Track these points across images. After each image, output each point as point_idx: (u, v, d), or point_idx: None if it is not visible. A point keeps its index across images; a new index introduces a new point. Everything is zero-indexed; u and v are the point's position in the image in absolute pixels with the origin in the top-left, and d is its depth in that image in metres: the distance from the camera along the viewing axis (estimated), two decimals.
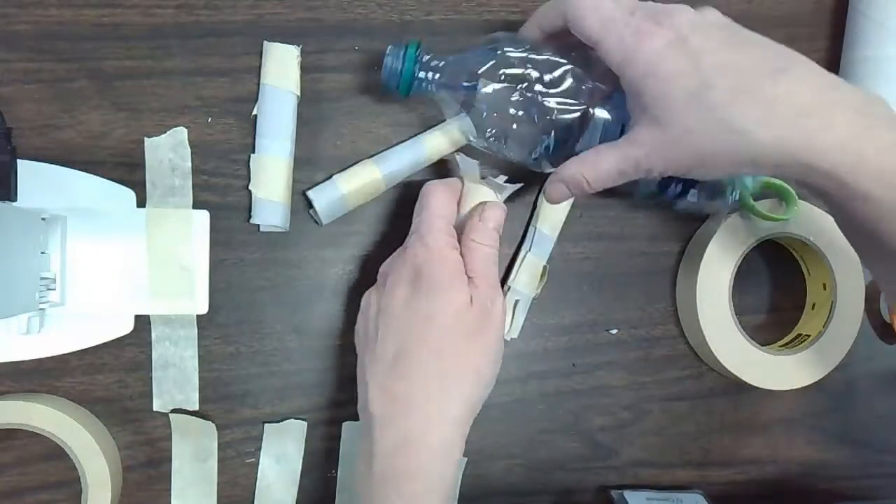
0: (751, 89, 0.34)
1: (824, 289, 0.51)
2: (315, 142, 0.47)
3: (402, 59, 0.42)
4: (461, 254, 0.41)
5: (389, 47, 0.43)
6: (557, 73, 0.41)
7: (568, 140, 0.41)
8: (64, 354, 0.45)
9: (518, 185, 0.45)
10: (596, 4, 0.38)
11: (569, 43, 0.41)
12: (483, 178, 0.44)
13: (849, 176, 0.33)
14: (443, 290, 0.39)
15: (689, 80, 0.35)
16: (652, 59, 0.36)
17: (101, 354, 0.46)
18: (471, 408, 0.39)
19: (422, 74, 0.43)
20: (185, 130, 0.46)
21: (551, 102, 0.40)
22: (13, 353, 0.44)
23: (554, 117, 0.41)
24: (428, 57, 0.43)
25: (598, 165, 0.39)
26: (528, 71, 0.40)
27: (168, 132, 0.46)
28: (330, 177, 0.46)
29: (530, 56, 0.41)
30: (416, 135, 0.47)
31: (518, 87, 0.40)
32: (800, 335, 0.52)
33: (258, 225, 0.47)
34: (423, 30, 0.48)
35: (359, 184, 0.46)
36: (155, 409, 0.47)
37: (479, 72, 0.41)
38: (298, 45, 0.46)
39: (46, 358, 0.45)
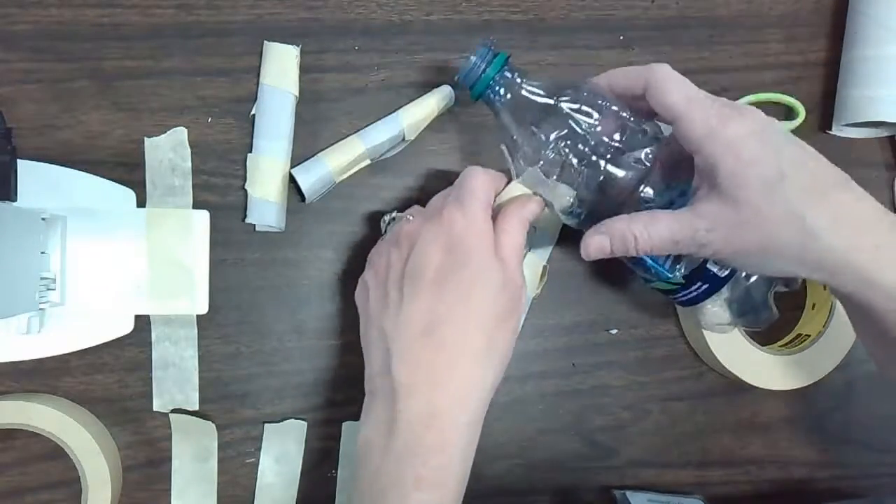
0: (822, 194, 0.36)
1: (824, 289, 0.51)
2: (314, 142, 0.47)
3: (487, 62, 0.41)
4: None
5: (480, 44, 0.41)
6: (624, 136, 0.40)
7: (610, 206, 0.40)
8: (64, 354, 0.45)
9: (573, 193, 0.41)
10: (683, 80, 0.38)
11: (634, 108, 0.40)
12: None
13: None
14: (482, 268, 0.38)
15: (768, 170, 0.36)
16: (735, 141, 0.36)
17: (101, 354, 0.46)
18: (493, 390, 0.39)
19: (500, 90, 0.41)
20: (185, 130, 0.46)
21: (609, 165, 0.40)
22: (13, 353, 0.44)
23: (605, 180, 0.40)
24: (512, 75, 0.41)
25: (653, 227, 0.38)
26: (596, 129, 0.40)
27: (168, 132, 0.46)
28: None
29: (604, 113, 0.40)
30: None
31: (580, 141, 0.40)
32: (800, 335, 0.52)
33: (255, 224, 0.47)
34: (423, 30, 0.48)
35: (341, 156, 0.46)
36: (155, 409, 0.47)
37: (561, 102, 0.40)
38: (298, 45, 0.46)
39: (46, 358, 0.45)
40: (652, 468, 0.51)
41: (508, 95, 0.41)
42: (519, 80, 0.41)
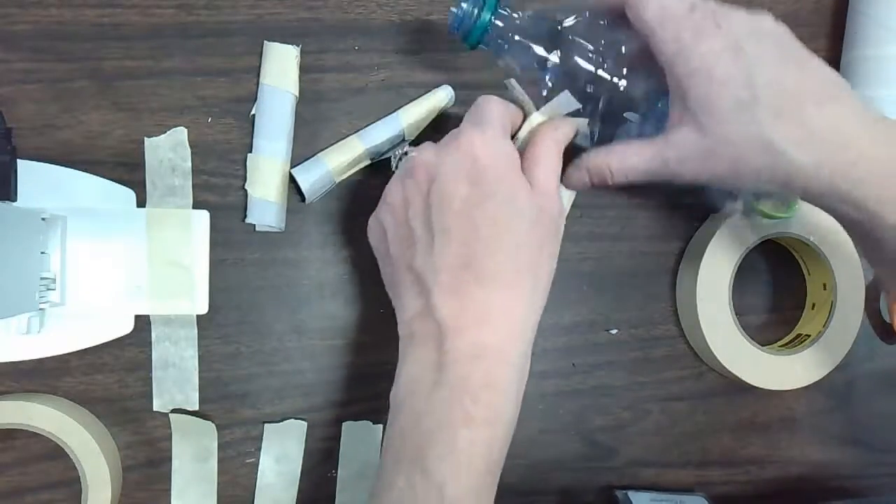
0: (796, 112, 0.35)
1: (824, 289, 0.51)
2: (314, 142, 0.47)
3: (480, 4, 0.39)
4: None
5: None
6: (622, 50, 0.39)
7: (614, 122, 0.40)
8: (64, 354, 0.45)
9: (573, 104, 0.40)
10: None
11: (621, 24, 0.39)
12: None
13: (880, 208, 0.34)
14: (511, 196, 0.36)
15: (740, 91, 0.35)
16: (707, 60, 0.35)
17: (101, 354, 0.46)
18: (537, 322, 0.37)
19: (498, 23, 0.40)
20: (185, 130, 0.46)
21: (616, 80, 0.39)
22: (13, 353, 0.44)
23: (614, 95, 0.39)
24: (507, 12, 0.40)
25: (627, 159, 0.38)
26: (602, 50, 0.39)
27: (168, 132, 0.46)
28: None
29: (605, 33, 0.39)
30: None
31: (591, 55, 0.39)
32: (800, 335, 0.52)
33: (255, 224, 0.47)
34: (423, 30, 0.48)
35: (341, 156, 0.46)
36: (155, 409, 0.47)
37: (564, 26, 0.39)
38: (298, 45, 0.46)
39: (46, 358, 0.45)
40: (652, 468, 0.51)
41: (509, 34, 0.40)
42: (516, 16, 0.40)
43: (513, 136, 0.39)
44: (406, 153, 0.40)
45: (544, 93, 0.39)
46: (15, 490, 0.46)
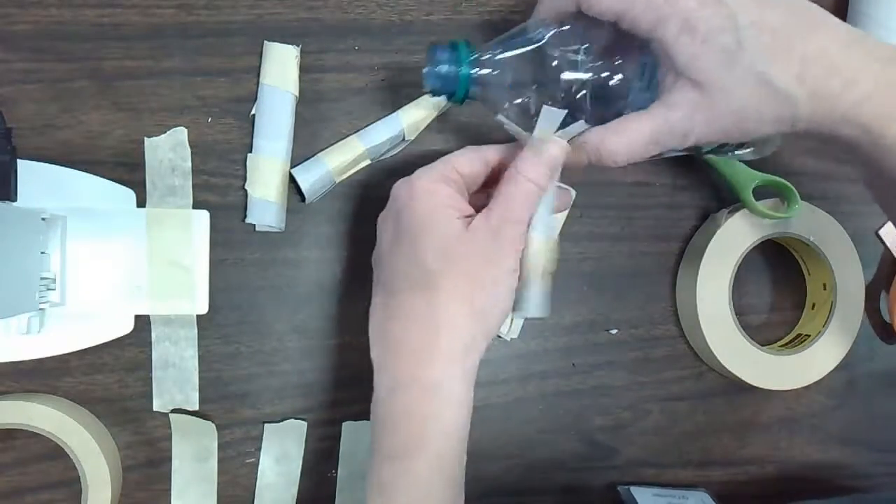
0: (785, 47, 0.35)
1: (824, 289, 0.51)
2: (314, 142, 0.47)
3: (455, 63, 0.38)
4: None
5: (432, 48, 0.39)
6: (589, 50, 0.39)
7: (615, 111, 0.39)
8: (64, 354, 0.45)
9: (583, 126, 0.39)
10: None
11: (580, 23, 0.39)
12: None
13: (878, 126, 0.35)
14: (426, 224, 0.36)
15: (726, 38, 0.35)
16: (687, 18, 0.35)
17: (101, 354, 0.46)
18: (465, 345, 0.36)
19: (475, 74, 0.38)
20: (185, 130, 0.46)
21: (604, 74, 0.38)
22: (13, 353, 0.44)
23: (606, 88, 0.39)
24: (478, 55, 0.39)
25: (626, 133, 0.37)
26: (579, 54, 0.38)
27: (168, 132, 0.46)
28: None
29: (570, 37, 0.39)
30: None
31: (571, 61, 0.38)
32: (800, 335, 0.52)
33: (255, 224, 0.47)
34: (423, 30, 0.48)
35: (341, 156, 0.46)
36: (155, 409, 0.47)
37: (538, 44, 0.38)
38: (298, 45, 0.46)
39: (46, 358, 0.45)
40: (652, 468, 0.51)
41: (491, 72, 0.39)
42: (491, 55, 0.39)
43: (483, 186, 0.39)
44: None
45: (532, 111, 0.39)
46: (15, 490, 0.46)
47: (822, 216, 0.50)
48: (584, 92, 0.39)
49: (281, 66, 0.46)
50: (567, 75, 0.38)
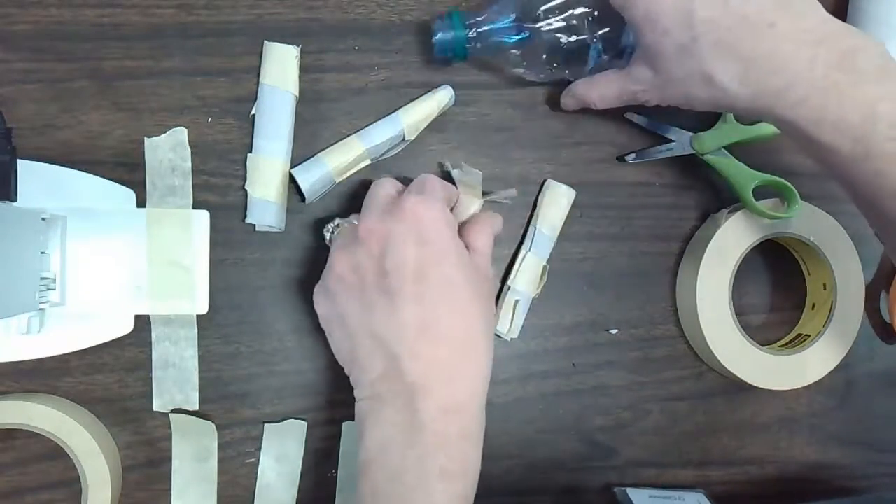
0: (733, 46, 0.37)
1: (824, 289, 0.51)
2: (314, 142, 0.47)
3: (451, 28, 0.45)
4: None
5: (437, 22, 0.45)
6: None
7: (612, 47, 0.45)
8: (64, 354, 0.45)
9: (512, 193, 0.47)
10: None
11: None
12: (485, 193, 0.45)
13: (811, 129, 0.36)
14: (459, 259, 0.39)
15: (681, 34, 0.38)
16: (650, 9, 0.38)
17: (101, 354, 0.46)
18: (489, 375, 0.40)
19: (472, 34, 0.45)
20: (185, 130, 0.46)
21: (592, 22, 0.44)
22: (13, 353, 0.44)
23: (595, 33, 0.44)
24: (475, 18, 0.45)
25: (604, 90, 0.44)
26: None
27: (168, 132, 0.46)
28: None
29: None
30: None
31: (566, 14, 0.44)
32: (800, 335, 0.52)
33: (255, 224, 0.47)
34: (424, 30, 0.48)
35: (341, 156, 0.46)
36: (155, 409, 0.47)
37: (542, 9, 0.44)
38: (298, 45, 0.46)
39: (46, 358, 0.45)
40: (652, 468, 0.51)
41: (483, 29, 0.45)
42: (483, 16, 0.44)
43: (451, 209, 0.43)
44: (338, 225, 0.43)
45: (522, 59, 0.45)
46: (15, 490, 0.46)
47: (822, 216, 0.50)
48: (567, 48, 0.44)
49: (281, 66, 0.46)
50: (559, 37, 0.44)
